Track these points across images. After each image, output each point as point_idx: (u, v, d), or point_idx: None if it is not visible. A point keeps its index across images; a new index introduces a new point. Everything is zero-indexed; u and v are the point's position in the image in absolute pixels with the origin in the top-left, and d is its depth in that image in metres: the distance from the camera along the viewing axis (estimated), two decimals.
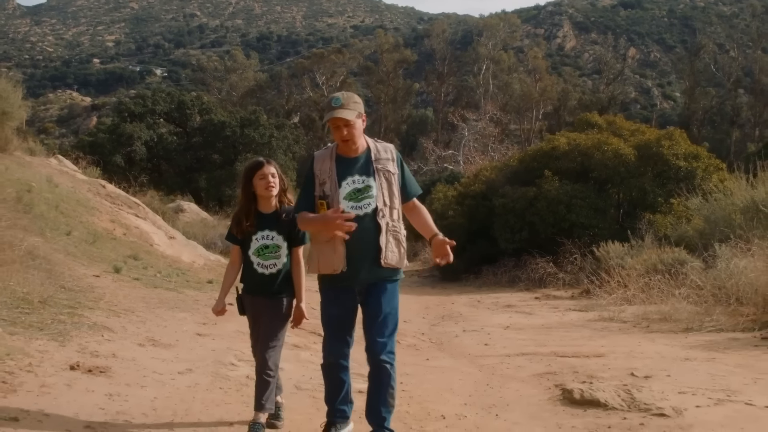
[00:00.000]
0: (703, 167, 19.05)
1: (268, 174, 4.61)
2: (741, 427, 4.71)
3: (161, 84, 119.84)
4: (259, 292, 4.65)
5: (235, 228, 4.68)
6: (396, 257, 4.36)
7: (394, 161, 4.48)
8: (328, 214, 4.20)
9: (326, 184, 4.34)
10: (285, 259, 4.66)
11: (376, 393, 4.38)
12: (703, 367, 6.71)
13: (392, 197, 4.39)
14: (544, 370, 6.89)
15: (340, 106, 4.29)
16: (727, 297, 9.94)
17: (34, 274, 8.22)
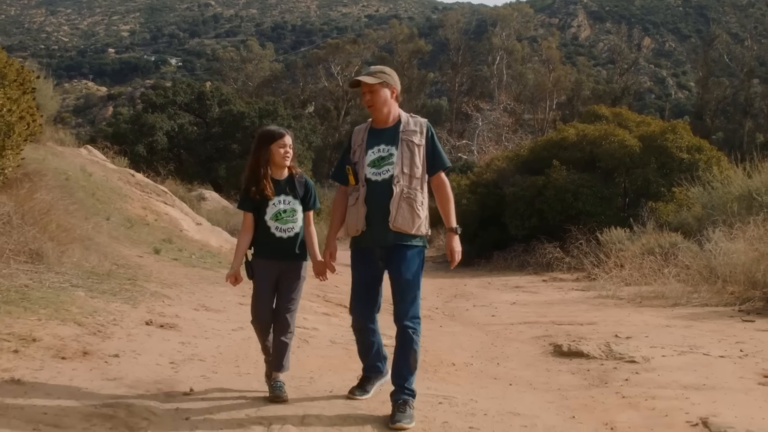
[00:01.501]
0: (705, 159, 19.82)
1: (287, 144, 4.81)
2: (694, 369, 5.82)
3: (176, 74, 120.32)
4: (278, 257, 4.79)
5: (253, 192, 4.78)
6: (408, 222, 4.50)
7: (422, 134, 4.63)
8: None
9: (356, 153, 4.66)
10: (301, 222, 4.85)
11: (399, 355, 4.54)
12: (679, 331, 7.77)
13: (413, 167, 4.54)
14: (542, 334, 7.98)
15: (366, 73, 4.63)
16: (714, 276, 10.92)
17: (91, 253, 9.32)
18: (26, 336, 5.14)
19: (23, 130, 7.66)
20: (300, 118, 41.68)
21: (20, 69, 8.44)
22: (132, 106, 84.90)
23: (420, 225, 4.54)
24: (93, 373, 4.81)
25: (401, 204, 4.47)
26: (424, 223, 4.58)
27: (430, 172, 4.65)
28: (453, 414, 4.54)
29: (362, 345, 4.82)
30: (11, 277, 6.57)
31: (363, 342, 4.80)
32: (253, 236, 4.84)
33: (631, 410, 4.73)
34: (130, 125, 36.58)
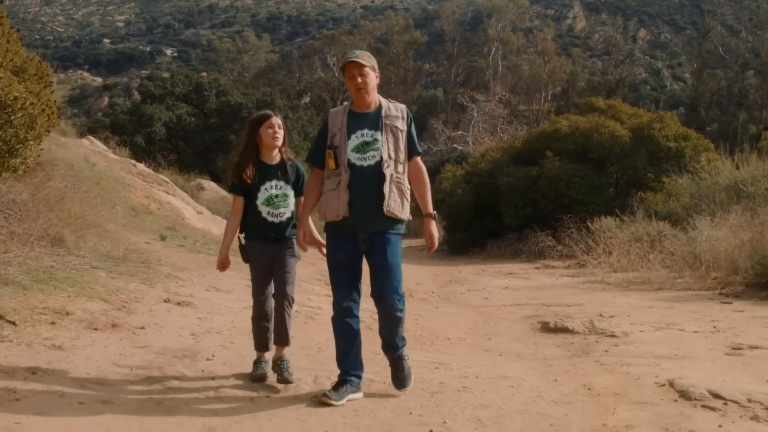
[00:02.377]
0: (692, 147, 20.36)
1: (275, 125, 4.78)
2: (669, 342, 6.37)
3: (171, 64, 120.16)
4: (272, 240, 4.81)
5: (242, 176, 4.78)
6: (398, 207, 4.51)
7: (404, 119, 4.63)
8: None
9: (336, 137, 4.55)
10: (292, 206, 4.86)
11: (387, 329, 4.65)
12: (660, 311, 8.31)
13: (398, 151, 4.56)
14: (531, 314, 8.53)
15: (356, 56, 4.55)
16: (698, 262, 11.45)
17: (104, 238, 9.82)
18: (60, 310, 5.66)
19: (44, 122, 8.15)
20: (297, 109, 42.00)
21: (39, 63, 8.92)
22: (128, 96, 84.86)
23: (407, 209, 4.59)
24: (123, 342, 5.35)
25: (392, 188, 4.48)
26: (408, 207, 4.61)
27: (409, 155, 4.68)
28: (448, 376, 5.08)
29: (343, 337, 4.62)
30: (37, 259, 7.07)
31: (344, 332, 4.61)
32: (244, 220, 4.85)
33: (607, 375, 5.29)
34: (129, 116, 36.93)
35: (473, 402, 4.52)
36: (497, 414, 4.29)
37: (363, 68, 4.50)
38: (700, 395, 4.55)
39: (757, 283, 9.66)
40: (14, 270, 6.37)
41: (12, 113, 7.64)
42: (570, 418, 4.25)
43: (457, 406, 4.42)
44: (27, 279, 6.24)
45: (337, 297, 4.62)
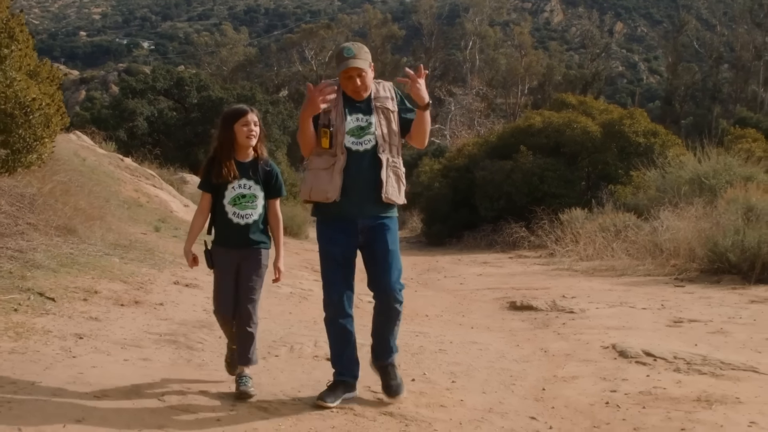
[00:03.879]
0: (661, 143, 21.27)
1: (251, 122, 4.43)
2: (619, 317, 7.30)
3: (148, 57, 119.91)
4: (235, 244, 4.48)
5: (213, 175, 4.45)
6: (396, 192, 4.36)
7: (393, 99, 4.46)
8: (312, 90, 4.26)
9: (331, 113, 4.31)
10: (261, 210, 4.51)
11: (385, 328, 4.47)
12: (618, 293, 9.24)
13: (391, 134, 4.38)
14: (501, 296, 9.44)
15: (354, 56, 4.26)
16: (659, 251, 12.39)
17: (107, 229, 10.60)
18: (89, 289, 6.50)
19: (59, 121, 8.92)
20: (277, 104, 42.55)
21: (51, 67, 9.70)
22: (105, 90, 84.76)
23: (403, 193, 4.45)
24: (148, 315, 6.21)
25: (389, 173, 4.33)
26: (404, 191, 4.48)
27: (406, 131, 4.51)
28: (427, 342, 5.99)
29: (337, 338, 4.44)
30: (57, 247, 7.87)
31: (338, 334, 4.43)
32: (212, 220, 4.58)
33: (561, 341, 6.22)
34: (111, 110, 37.36)
35: (448, 360, 5.44)
36: (467, 369, 5.22)
37: (362, 70, 4.27)
38: (635, 354, 5.49)
39: (709, 269, 10.55)
40: (41, 256, 7.19)
41: (30, 113, 8.41)
42: (527, 372, 5.18)
43: (435, 363, 5.34)
44: (53, 263, 7.07)
45: (330, 295, 4.39)
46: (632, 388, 4.68)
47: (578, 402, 4.48)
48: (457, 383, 4.86)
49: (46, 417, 3.61)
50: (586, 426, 4.07)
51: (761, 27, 61.88)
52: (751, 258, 9.98)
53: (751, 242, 10.04)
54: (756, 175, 15.70)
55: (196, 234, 4.66)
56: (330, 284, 4.39)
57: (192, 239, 4.66)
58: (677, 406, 4.29)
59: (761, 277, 9.71)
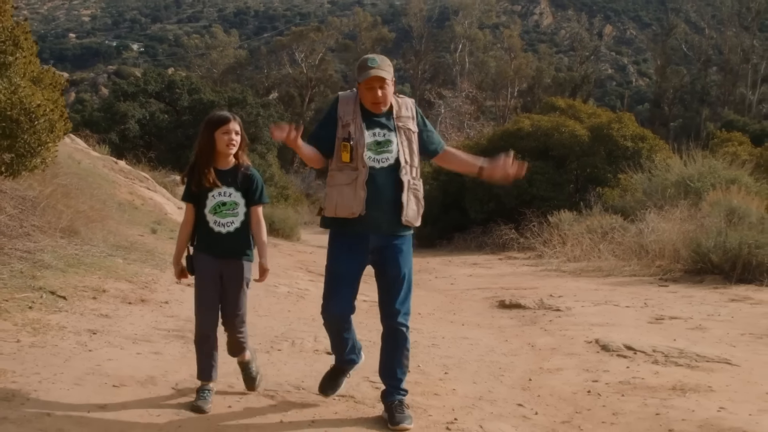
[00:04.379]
0: (648, 147, 21.65)
1: (232, 131, 4.35)
2: (603, 314, 7.64)
3: (138, 59, 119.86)
4: (218, 253, 4.41)
5: (193, 184, 4.41)
6: (415, 215, 4.30)
7: (414, 119, 4.36)
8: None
9: (350, 127, 4.21)
10: (243, 217, 4.43)
11: (391, 355, 4.33)
12: (604, 293, 9.57)
13: (412, 155, 4.29)
14: (491, 295, 9.76)
15: (377, 67, 4.17)
16: (645, 252, 12.74)
17: (107, 231, 10.88)
18: (97, 288, 6.81)
19: (62, 126, 9.21)
20: (268, 107, 42.77)
21: (53, 74, 9.99)
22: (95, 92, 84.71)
23: (420, 216, 4.38)
24: (154, 312, 6.51)
25: (410, 196, 4.24)
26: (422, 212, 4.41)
27: (432, 154, 4.52)
28: (420, 337, 6.30)
29: (338, 341, 4.44)
30: (63, 248, 8.16)
31: (336, 338, 4.43)
32: (195, 230, 4.49)
33: (548, 336, 6.56)
34: (103, 113, 37.53)
35: (440, 354, 5.78)
36: (459, 361, 5.55)
37: (385, 81, 4.16)
38: (617, 348, 5.83)
39: (693, 270, 10.90)
40: (48, 256, 7.47)
41: (35, 119, 8.69)
42: (515, 364, 5.51)
43: (428, 356, 5.67)
44: (61, 264, 7.36)
45: (331, 307, 4.29)
46: (613, 379, 5.03)
47: (562, 391, 4.82)
48: (450, 374, 5.20)
49: (71, 403, 3.93)
50: (569, 412, 4.41)
51: (749, 30, 62.39)
52: (732, 258, 10.32)
53: (732, 243, 10.38)
54: (740, 178, 16.02)
55: (184, 245, 4.54)
56: (328, 297, 4.30)
57: (180, 251, 4.56)
58: (653, 394, 4.63)
59: (742, 276, 10.05)
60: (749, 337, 6.38)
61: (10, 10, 9.69)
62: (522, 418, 4.29)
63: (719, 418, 4.12)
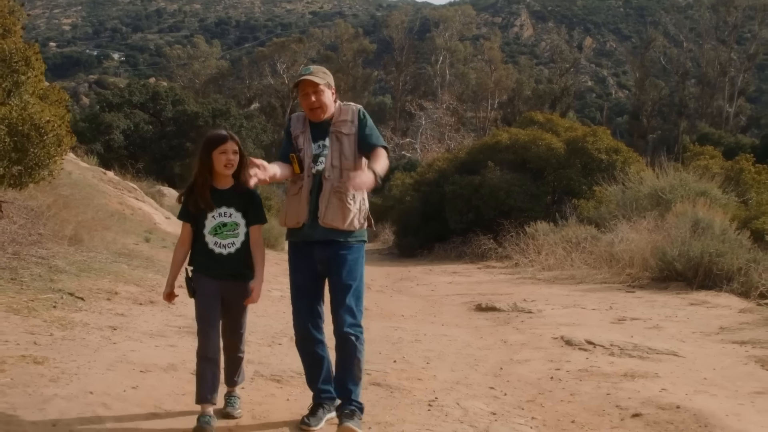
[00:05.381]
0: (622, 159, 22.41)
1: (230, 150, 4.29)
2: (571, 316, 8.38)
3: (119, 68, 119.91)
4: (218, 275, 4.35)
5: (190, 204, 4.36)
6: (338, 218, 4.27)
7: (353, 122, 4.38)
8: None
9: (299, 139, 4.38)
10: (243, 237, 4.36)
11: (341, 366, 4.33)
12: (574, 298, 10.31)
13: (342, 158, 4.31)
14: (469, 300, 10.49)
15: (310, 73, 4.30)
16: (616, 261, 13.47)
17: (106, 240, 11.51)
18: (110, 290, 7.46)
19: (68, 141, 9.84)
20: (252, 118, 43.26)
21: (58, 91, 10.65)
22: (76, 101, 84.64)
23: (352, 219, 4.32)
24: (164, 312, 7.17)
25: (331, 199, 4.25)
26: (357, 216, 4.35)
27: (366, 150, 4.39)
28: (404, 334, 7.02)
29: (310, 363, 4.45)
30: (72, 255, 8.81)
31: (310, 358, 4.44)
32: (192, 250, 4.45)
33: (519, 334, 7.29)
34: (88, 124, 37.83)
35: (423, 348, 6.49)
36: (439, 354, 6.28)
37: (317, 86, 4.28)
38: (579, 343, 6.57)
39: (659, 277, 11.63)
40: (61, 262, 8.12)
41: (44, 134, 9.33)
42: (488, 357, 6.24)
43: (412, 349, 6.38)
44: (73, 269, 8.01)
45: (297, 321, 4.43)
46: (573, 367, 5.77)
47: (528, 377, 5.55)
48: (431, 364, 5.91)
49: (108, 384, 4.59)
50: (533, 393, 5.14)
51: (726, 44, 63.37)
52: (695, 266, 11.07)
53: (695, 252, 11.12)
54: (710, 191, 16.76)
55: (179, 266, 4.54)
56: (296, 312, 4.43)
57: (175, 272, 4.56)
58: (607, 379, 5.36)
59: (703, 283, 10.79)
60: (699, 334, 7.14)
61: (20, 31, 10.35)
62: (493, 397, 5.01)
63: (659, 397, 4.85)
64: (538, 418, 4.60)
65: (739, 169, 21.05)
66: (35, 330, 5.67)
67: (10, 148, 9.12)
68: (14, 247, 8.25)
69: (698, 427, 4.23)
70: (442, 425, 4.36)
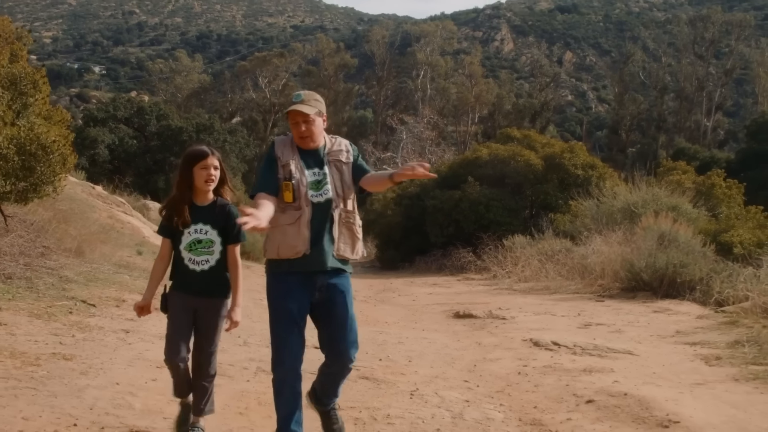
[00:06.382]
0: (598, 175, 23.16)
1: (211, 166, 4.24)
2: (542, 322, 9.12)
3: (99, 82, 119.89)
4: (192, 291, 4.30)
5: (167, 219, 4.31)
6: (348, 249, 4.26)
7: (349, 152, 4.35)
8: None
9: (290, 167, 4.18)
10: (219, 255, 4.28)
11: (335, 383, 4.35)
12: (546, 306, 11.04)
13: (344, 187, 4.26)
14: (448, 309, 11.21)
15: (301, 101, 4.18)
16: (589, 272, 14.19)
17: (103, 252, 12.14)
18: (117, 298, 8.12)
19: (72, 159, 10.49)
20: (235, 133, 43.64)
21: (61, 112, 11.31)
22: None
23: (359, 248, 4.33)
24: None
25: (342, 230, 4.21)
26: (361, 245, 4.37)
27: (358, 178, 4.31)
28: (388, 337, 7.72)
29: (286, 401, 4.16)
30: (77, 266, 9.45)
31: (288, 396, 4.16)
32: (171, 265, 4.42)
33: (492, 337, 8.02)
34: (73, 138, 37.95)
35: (405, 348, 7.21)
36: (420, 354, 7.00)
37: (308, 116, 4.15)
38: (546, 344, 7.29)
39: (627, 287, 12.36)
40: (69, 273, 8.78)
41: (50, 153, 9.97)
42: (464, 356, 6.97)
43: (395, 350, 7.10)
44: (81, 279, 8.66)
45: (281, 355, 4.16)
46: (538, 364, 6.51)
47: (498, 372, 6.28)
48: (413, 362, 6.63)
49: (130, 377, 5.26)
50: (502, 385, 5.87)
51: (703, 59, 64.39)
52: (660, 277, 11.80)
53: (660, 264, 11.85)
54: (680, 205, 17.52)
55: (158, 281, 4.49)
56: (283, 344, 4.17)
57: (153, 286, 4.49)
58: (567, 374, 6.10)
59: (668, 292, 11.53)
60: (656, 337, 7.88)
61: (26, 56, 10.99)
62: (467, 389, 5.72)
63: (611, 387, 5.58)
64: (505, 404, 5.31)
65: (710, 184, 21.89)
66: (58, 332, 6.33)
67: (18, 166, 9.78)
68: (25, 259, 8.89)
69: (640, 410, 4.95)
70: (422, 409, 5.07)
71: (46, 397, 4.64)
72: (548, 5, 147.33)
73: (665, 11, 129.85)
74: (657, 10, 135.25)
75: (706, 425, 4.64)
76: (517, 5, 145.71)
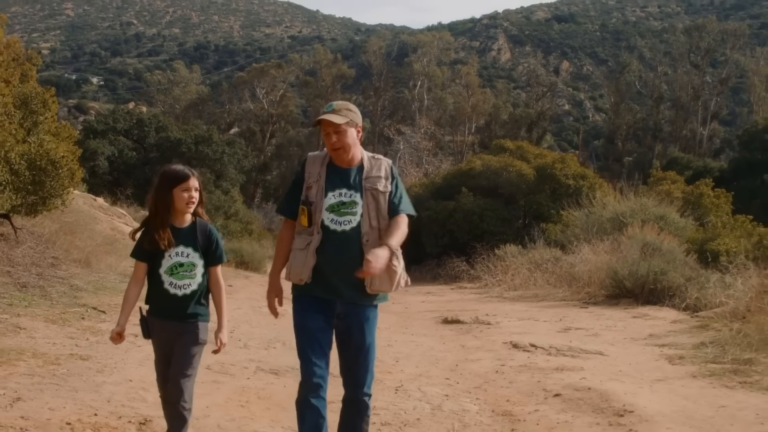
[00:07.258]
0: (589, 185, 23.67)
1: (192, 188, 4.10)
2: (524, 326, 9.69)
3: (97, 93, 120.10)
4: (171, 316, 4.17)
5: (146, 242, 4.13)
6: (386, 283, 4.00)
7: (387, 179, 4.08)
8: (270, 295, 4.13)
9: (312, 189, 4.03)
10: (201, 278, 4.17)
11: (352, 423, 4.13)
12: (531, 312, 11.59)
13: (380, 218, 4.02)
14: (438, 315, 11.75)
15: (331, 111, 4.00)
16: (576, 280, 14.71)
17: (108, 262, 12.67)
18: None
19: (80, 174, 11.06)
20: (233, 144, 44.04)
21: (68, 128, 11.89)
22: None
23: (399, 280, 4.04)
24: None
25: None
26: (402, 275, 4.08)
27: (390, 215, 4.06)
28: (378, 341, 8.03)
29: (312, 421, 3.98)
30: (85, 275, 10.00)
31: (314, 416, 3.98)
32: (148, 288, 4.27)
33: (476, 340, 8.58)
34: None
35: (393, 350, 7.76)
36: (407, 355, 7.56)
37: (338, 126, 3.93)
38: (524, 346, 7.85)
39: (612, 294, 12.90)
40: (79, 282, 9.32)
41: (59, 168, 10.53)
42: (447, 357, 7.53)
43: (385, 352, 7.63)
44: (90, 287, 9.21)
45: (308, 373, 3.95)
46: (515, 364, 7.08)
47: (478, 371, 6.85)
48: (400, 362, 7.21)
49: (142, 375, 5.80)
50: (480, 382, 6.44)
51: (699, 68, 64.79)
52: (642, 284, 12.33)
53: (642, 271, 12.38)
54: (668, 215, 18.02)
55: (132, 306, 4.36)
56: (307, 361, 3.96)
57: (128, 312, 4.34)
58: (541, 372, 6.66)
59: (648, 299, 12.06)
60: (628, 340, 8.44)
61: (35, 75, 11.56)
62: (447, 385, 6.30)
63: (578, 383, 6.15)
64: (480, 398, 5.89)
65: (699, 193, 22.40)
66: (73, 336, 6.88)
67: (29, 180, 10.35)
68: (37, 269, 9.44)
69: (601, 402, 5.52)
70: (405, 402, 5.65)
71: (68, 391, 5.19)
72: (545, 15, 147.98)
73: (661, 20, 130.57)
74: (653, 20, 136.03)
75: (657, 414, 5.18)
76: (514, 15, 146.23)
